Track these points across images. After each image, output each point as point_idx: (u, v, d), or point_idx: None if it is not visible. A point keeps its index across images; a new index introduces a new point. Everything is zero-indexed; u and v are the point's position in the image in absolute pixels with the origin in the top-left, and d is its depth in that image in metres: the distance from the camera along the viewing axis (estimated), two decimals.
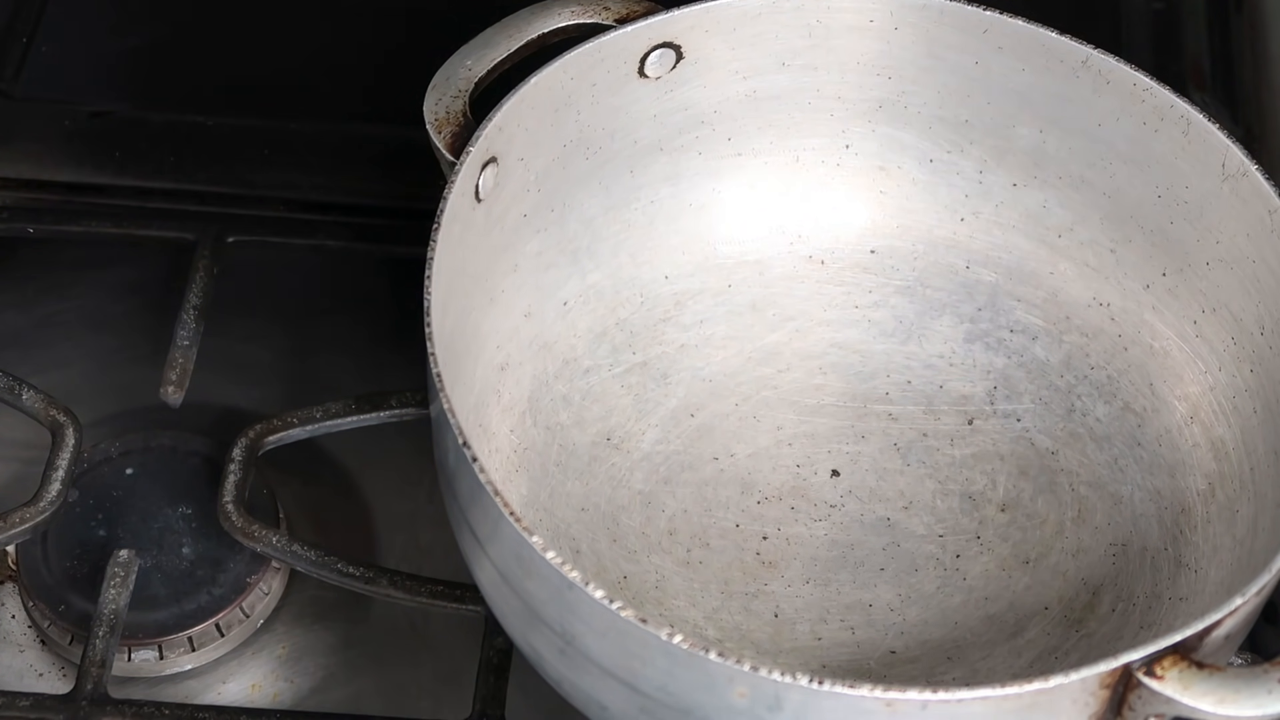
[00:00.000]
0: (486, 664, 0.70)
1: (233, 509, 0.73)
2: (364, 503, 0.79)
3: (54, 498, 0.73)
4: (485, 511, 0.61)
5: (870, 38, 0.75)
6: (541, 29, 0.73)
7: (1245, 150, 0.69)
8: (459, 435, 0.60)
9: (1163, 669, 0.56)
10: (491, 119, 0.69)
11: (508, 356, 0.75)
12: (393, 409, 0.75)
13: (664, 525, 0.73)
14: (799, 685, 0.55)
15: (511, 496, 0.71)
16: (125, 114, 0.89)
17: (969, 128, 0.76)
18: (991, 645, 0.70)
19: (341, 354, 0.84)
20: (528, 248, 0.75)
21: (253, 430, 0.75)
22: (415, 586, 0.72)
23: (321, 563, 0.72)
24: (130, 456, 0.77)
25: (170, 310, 0.79)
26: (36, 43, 0.91)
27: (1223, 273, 0.71)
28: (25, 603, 0.75)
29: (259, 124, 0.88)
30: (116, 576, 0.72)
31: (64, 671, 0.74)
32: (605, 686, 0.61)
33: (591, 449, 0.75)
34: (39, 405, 0.76)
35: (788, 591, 0.72)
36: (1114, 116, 0.72)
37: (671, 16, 0.73)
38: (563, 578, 0.57)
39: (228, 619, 0.74)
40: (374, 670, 0.75)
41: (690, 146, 0.78)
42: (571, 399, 0.76)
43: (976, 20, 0.73)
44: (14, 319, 0.85)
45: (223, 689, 0.74)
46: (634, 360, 0.78)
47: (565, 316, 0.77)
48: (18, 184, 0.86)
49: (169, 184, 0.86)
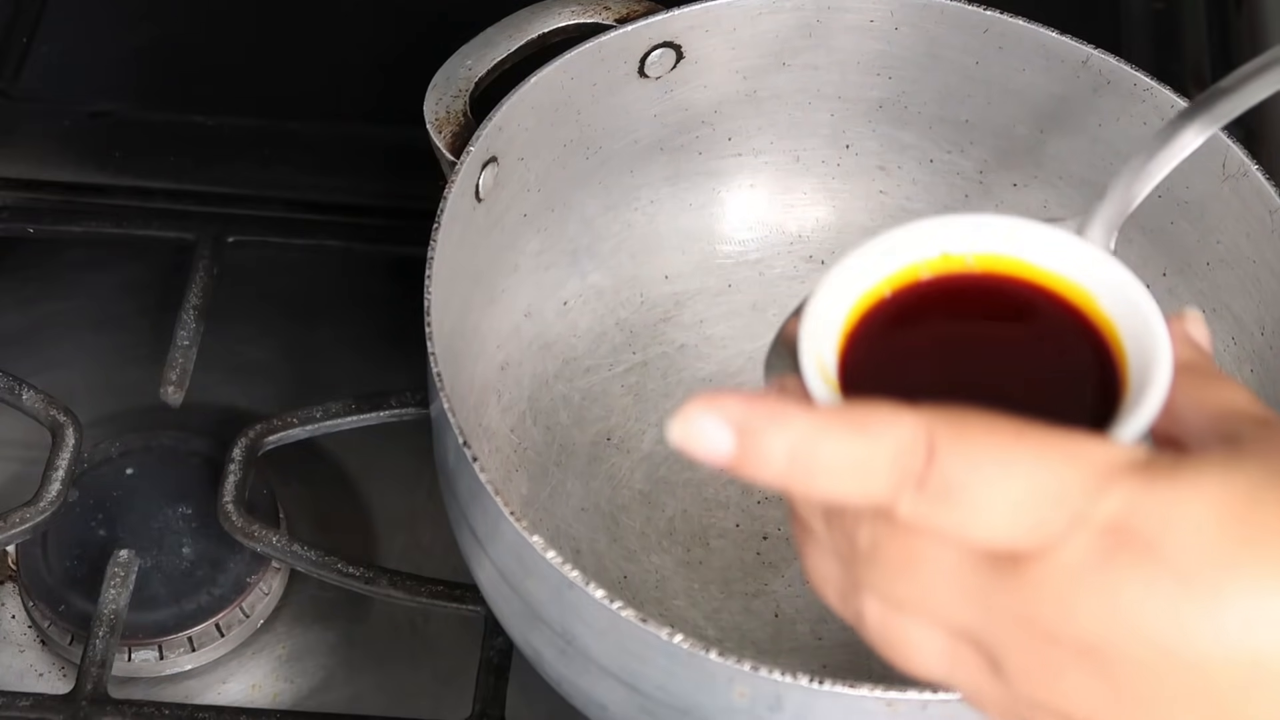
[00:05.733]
0: (486, 664, 0.70)
1: (233, 509, 0.73)
2: (364, 503, 0.79)
3: (54, 498, 0.73)
4: (485, 511, 0.61)
5: (870, 38, 0.75)
6: (541, 29, 0.73)
7: (1245, 150, 0.69)
8: (459, 435, 0.60)
9: None
10: (491, 119, 0.69)
11: (508, 356, 0.75)
12: (393, 409, 0.75)
13: (664, 525, 0.73)
14: (799, 685, 0.55)
15: (511, 496, 0.71)
16: (125, 114, 0.89)
17: (969, 128, 0.76)
18: None
19: (341, 354, 0.83)
20: (528, 248, 0.75)
21: (253, 430, 0.75)
22: (415, 586, 0.72)
23: (321, 563, 0.72)
24: (130, 456, 0.77)
25: (170, 310, 0.79)
26: (36, 43, 0.91)
27: (1223, 273, 0.71)
28: (25, 603, 0.75)
29: (259, 124, 0.88)
30: (116, 576, 0.72)
31: (64, 671, 0.74)
32: (605, 686, 0.61)
33: (591, 449, 0.75)
34: (39, 405, 0.76)
35: (788, 591, 0.72)
36: (1114, 116, 0.72)
37: (671, 16, 0.73)
38: (563, 577, 0.57)
39: (228, 619, 0.74)
40: (374, 670, 0.75)
41: (690, 146, 0.78)
42: (571, 399, 0.76)
43: (976, 20, 0.73)
44: (14, 319, 0.85)
45: (223, 689, 0.74)
46: (634, 360, 0.78)
47: (565, 316, 0.77)
48: (18, 184, 0.86)
49: (169, 184, 0.86)
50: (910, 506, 0.41)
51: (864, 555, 0.43)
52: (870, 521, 0.42)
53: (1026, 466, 0.40)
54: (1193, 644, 0.40)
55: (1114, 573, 0.40)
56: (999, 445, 0.40)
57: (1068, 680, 0.41)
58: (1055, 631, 0.41)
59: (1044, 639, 0.41)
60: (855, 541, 0.43)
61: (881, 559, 0.42)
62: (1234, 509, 0.40)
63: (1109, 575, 0.40)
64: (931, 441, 0.40)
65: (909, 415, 0.41)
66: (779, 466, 0.41)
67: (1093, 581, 0.40)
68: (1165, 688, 0.40)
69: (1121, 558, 0.40)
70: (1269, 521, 0.39)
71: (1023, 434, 0.40)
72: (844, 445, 0.41)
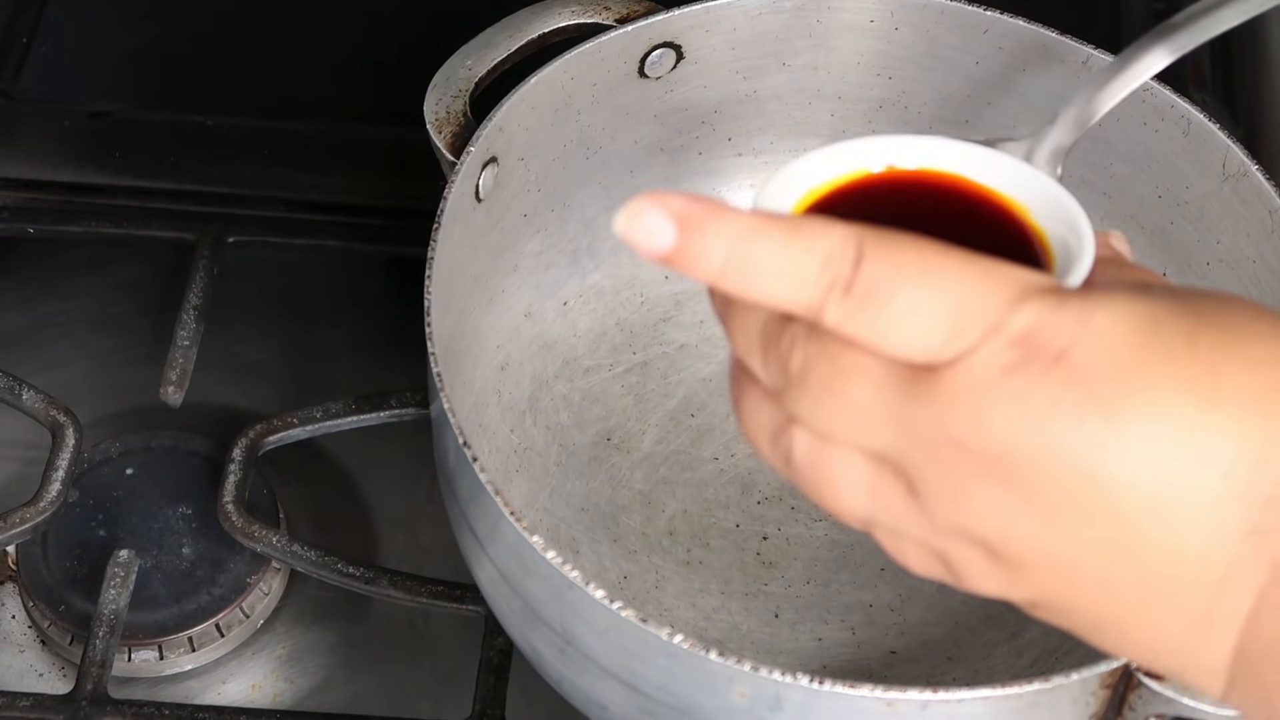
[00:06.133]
0: (486, 664, 0.70)
1: (233, 509, 0.73)
2: (364, 503, 0.79)
3: (54, 498, 0.73)
4: (485, 511, 0.61)
5: (870, 38, 0.75)
6: (541, 29, 0.73)
7: (1245, 150, 0.69)
8: (459, 435, 0.60)
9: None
10: (491, 119, 0.69)
11: (508, 356, 0.75)
12: (393, 409, 0.75)
13: (664, 525, 0.74)
14: (799, 685, 0.55)
15: (512, 496, 0.71)
16: (125, 114, 0.89)
17: (969, 128, 0.76)
18: (992, 645, 0.70)
19: (341, 354, 0.83)
20: (528, 248, 0.75)
21: (253, 430, 0.75)
22: (415, 586, 0.72)
23: (321, 563, 0.72)
24: (130, 456, 0.77)
25: (170, 310, 0.79)
26: (36, 43, 0.91)
27: (1223, 273, 0.71)
28: (25, 603, 0.75)
29: (259, 124, 0.88)
30: (116, 576, 0.72)
31: (64, 671, 0.74)
32: (605, 686, 0.61)
33: (591, 449, 0.75)
34: (39, 405, 0.76)
35: (788, 591, 0.72)
36: (1114, 116, 0.72)
37: (671, 16, 0.73)
38: (563, 578, 0.57)
39: (228, 619, 0.74)
40: (374, 670, 0.75)
41: (690, 146, 0.78)
42: (571, 399, 0.76)
43: (976, 20, 0.73)
44: (14, 319, 0.85)
45: (223, 689, 0.74)
46: (634, 360, 0.78)
47: (565, 316, 0.77)
48: (18, 184, 0.86)
49: (169, 184, 0.86)
50: (836, 312, 0.43)
51: (795, 380, 0.44)
52: (803, 344, 0.44)
53: (948, 278, 0.43)
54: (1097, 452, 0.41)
55: (1023, 379, 0.42)
56: (924, 258, 0.43)
57: (979, 496, 0.43)
58: (966, 440, 0.42)
59: (956, 449, 0.43)
60: (788, 367, 0.45)
61: (811, 380, 0.44)
62: (1140, 328, 0.42)
63: (1018, 382, 0.42)
64: (860, 249, 0.43)
65: (841, 225, 0.43)
66: (716, 262, 0.44)
67: (1003, 388, 0.42)
68: (1071, 498, 0.42)
69: (1032, 366, 0.42)
70: (1173, 343, 0.42)
71: (947, 252, 0.43)
72: (779, 245, 0.43)
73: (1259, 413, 0.41)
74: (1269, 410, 0.41)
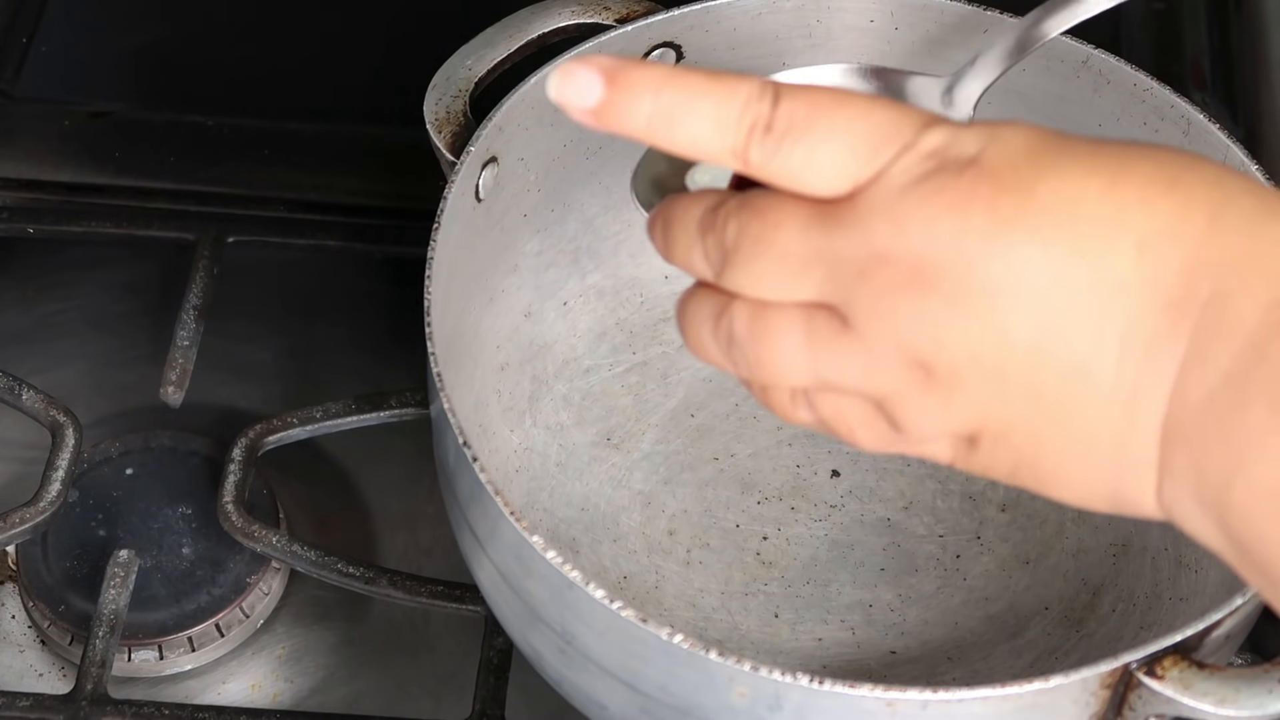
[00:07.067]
0: (486, 664, 0.70)
1: (233, 509, 0.73)
2: (364, 503, 0.79)
3: (54, 498, 0.73)
4: (485, 511, 0.61)
5: (870, 38, 0.75)
6: (541, 29, 0.73)
7: (1245, 150, 0.69)
8: (459, 435, 0.60)
9: (1163, 669, 0.56)
10: (491, 119, 0.69)
11: (508, 356, 0.75)
12: (393, 409, 0.75)
13: (664, 525, 0.73)
14: (799, 685, 0.55)
15: (511, 496, 0.71)
16: (125, 114, 0.89)
17: None
18: (992, 645, 0.70)
19: (341, 354, 0.83)
20: (528, 248, 0.75)
21: (253, 430, 0.75)
22: (415, 586, 0.72)
23: (321, 563, 0.72)
24: (130, 456, 0.77)
25: (170, 310, 0.79)
26: (36, 43, 0.91)
27: None
28: (25, 603, 0.75)
29: (259, 124, 0.88)
30: (116, 576, 0.72)
31: (64, 671, 0.74)
32: (605, 686, 0.61)
33: (591, 449, 0.75)
34: (39, 405, 0.76)
35: (788, 591, 0.72)
36: (1114, 116, 0.72)
37: (671, 16, 0.73)
38: (563, 578, 0.57)
39: (228, 619, 0.74)
40: (374, 670, 0.75)
41: None
42: (571, 399, 0.76)
43: (976, 20, 0.73)
44: (14, 319, 0.85)
45: (223, 689, 0.74)
46: (634, 360, 0.78)
47: (565, 316, 0.77)
48: (18, 184, 0.86)
49: (169, 184, 0.86)
50: (758, 152, 0.46)
51: (731, 248, 0.47)
52: (735, 214, 0.47)
53: (861, 110, 0.46)
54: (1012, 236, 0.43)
55: (937, 182, 0.44)
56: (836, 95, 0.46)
57: (906, 306, 0.45)
58: (888, 250, 0.44)
59: (880, 263, 0.45)
60: (724, 239, 0.47)
61: (744, 242, 0.47)
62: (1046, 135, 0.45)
63: (932, 184, 0.44)
64: (777, 91, 0.46)
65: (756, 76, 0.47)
66: (643, 114, 0.47)
67: (918, 192, 0.44)
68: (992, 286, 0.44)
69: (945, 172, 0.45)
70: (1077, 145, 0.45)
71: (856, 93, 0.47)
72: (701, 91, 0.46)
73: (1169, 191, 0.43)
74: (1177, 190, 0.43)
